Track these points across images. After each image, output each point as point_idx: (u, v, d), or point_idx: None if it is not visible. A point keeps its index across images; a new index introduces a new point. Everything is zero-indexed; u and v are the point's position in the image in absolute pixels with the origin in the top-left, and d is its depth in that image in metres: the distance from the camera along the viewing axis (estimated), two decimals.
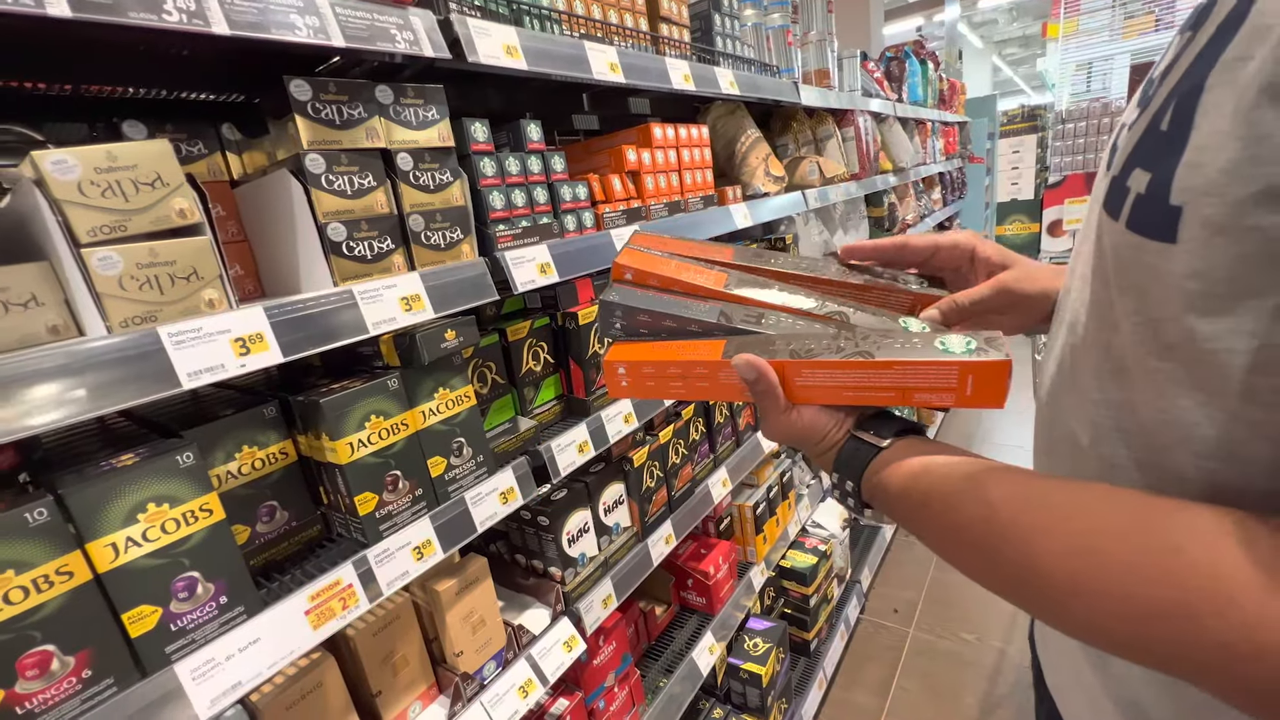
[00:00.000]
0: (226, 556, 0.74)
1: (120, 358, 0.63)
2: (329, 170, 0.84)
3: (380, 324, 0.86)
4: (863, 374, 0.56)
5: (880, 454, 0.55)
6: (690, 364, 0.62)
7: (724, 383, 0.62)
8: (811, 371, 0.58)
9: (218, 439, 0.82)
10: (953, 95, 4.87)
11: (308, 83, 0.82)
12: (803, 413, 0.60)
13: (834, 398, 0.59)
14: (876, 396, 0.57)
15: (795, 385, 0.59)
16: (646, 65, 1.37)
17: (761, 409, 0.62)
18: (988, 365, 0.53)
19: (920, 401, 0.55)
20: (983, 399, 0.54)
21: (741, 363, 0.59)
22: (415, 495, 0.95)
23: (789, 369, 0.59)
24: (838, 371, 0.57)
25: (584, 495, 1.33)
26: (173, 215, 0.70)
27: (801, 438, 0.61)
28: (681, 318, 0.64)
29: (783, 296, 0.66)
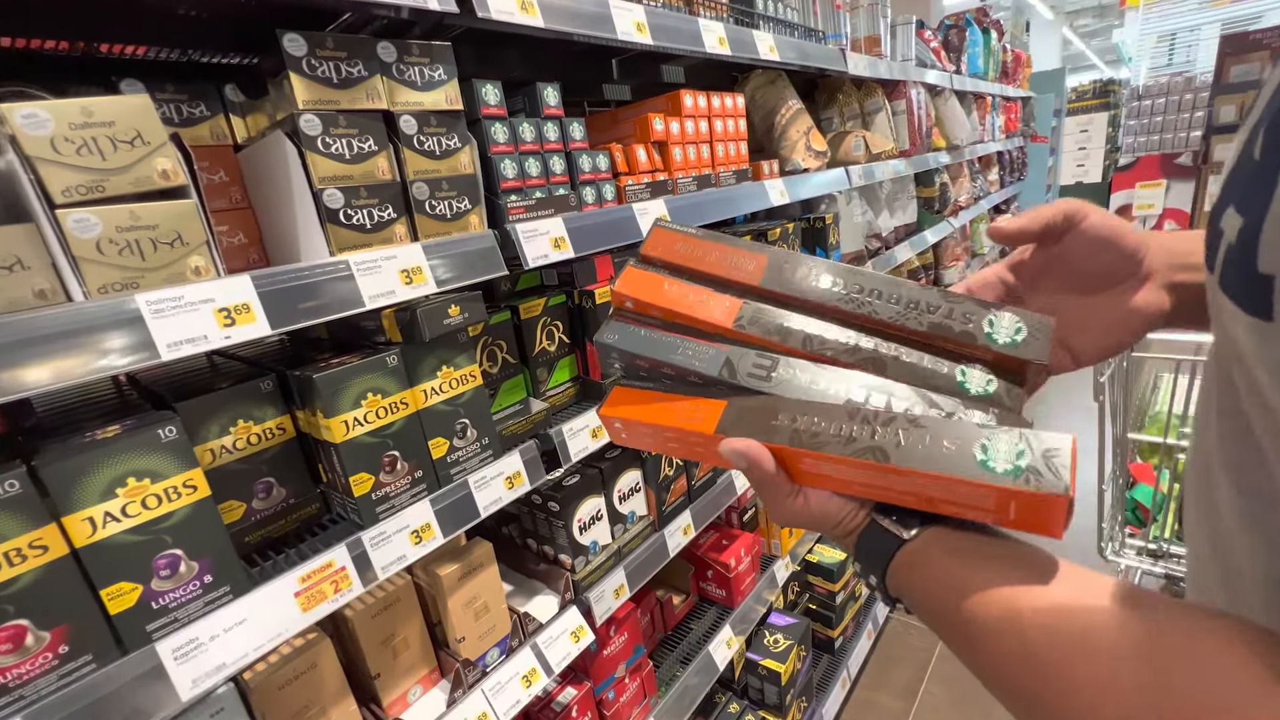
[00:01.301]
0: (211, 534, 0.71)
1: (95, 325, 0.60)
2: (326, 132, 0.79)
3: (378, 297, 0.82)
4: (877, 475, 0.46)
5: (904, 546, 0.47)
6: (685, 432, 0.55)
7: (715, 455, 0.54)
8: (816, 462, 0.49)
9: (212, 412, 0.79)
10: (1017, 68, 4.54)
11: (303, 37, 0.77)
12: (810, 497, 0.52)
13: (844, 489, 0.50)
14: (894, 498, 0.48)
15: (800, 469, 0.51)
16: (677, 26, 1.27)
17: (761, 496, 0.54)
18: (1037, 498, 0.41)
19: (951, 512, 0.46)
20: (1031, 527, 0.44)
21: (729, 451, 0.51)
22: (415, 477, 0.91)
23: (789, 456, 0.50)
24: (846, 468, 0.48)
25: (598, 481, 1.28)
26: (155, 176, 0.67)
27: (815, 523, 0.53)
28: (681, 368, 0.55)
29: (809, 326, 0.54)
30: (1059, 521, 0.42)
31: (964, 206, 3.51)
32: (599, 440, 1.20)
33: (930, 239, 2.93)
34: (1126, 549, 1.55)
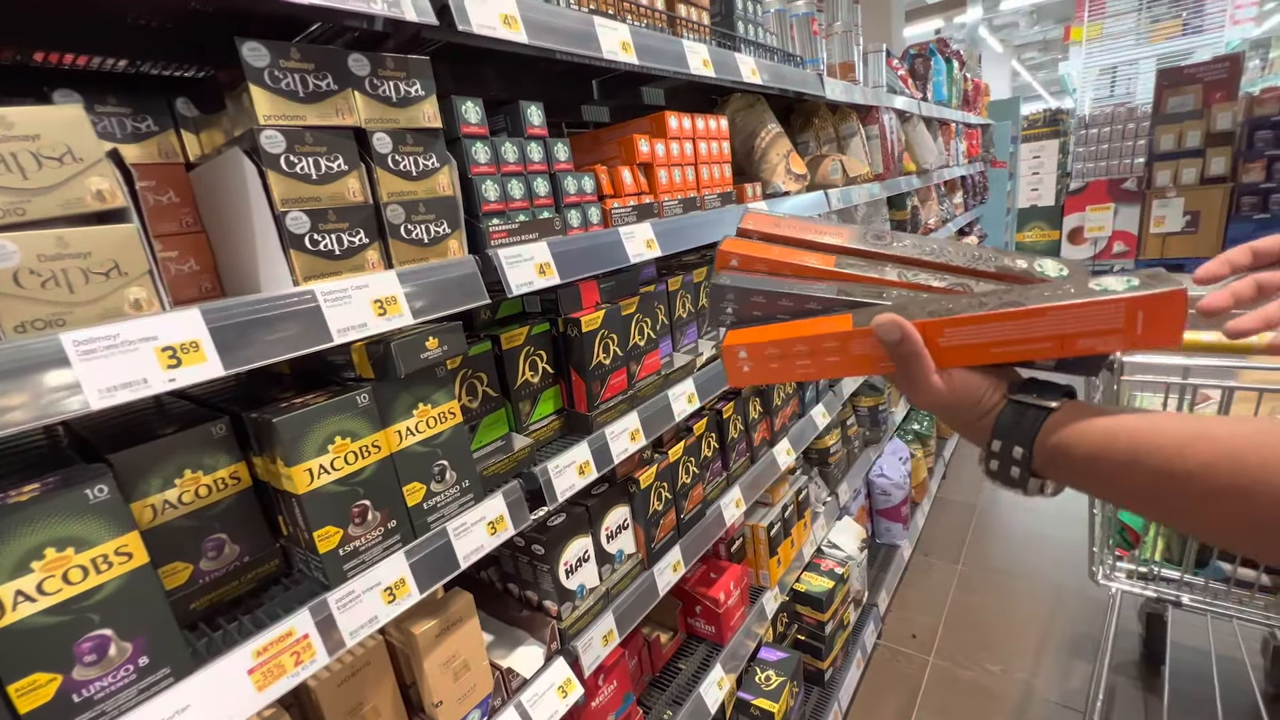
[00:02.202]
0: (149, 608, 0.61)
1: (5, 371, 0.51)
2: (290, 150, 0.72)
3: (348, 330, 0.74)
4: (1014, 326, 0.53)
5: (1051, 416, 0.52)
6: (818, 338, 0.60)
7: (857, 354, 0.59)
8: (955, 330, 0.55)
9: (154, 462, 0.70)
10: (976, 96, 4.71)
11: (265, 47, 0.70)
12: (953, 375, 0.57)
13: (981, 356, 0.56)
14: (1030, 349, 0.54)
15: (938, 347, 0.56)
16: (662, 47, 1.24)
17: (907, 375, 0.58)
18: (1161, 298, 0.49)
19: (1084, 348, 0.52)
20: (1157, 337, 0.50)
21: (885, 322, 0.56)
22: (388, 528, 0.82)
23: (930, 329, 0.56)
24: (985, 326, 0.54)
25: (584, 521, 1.20)
26: (88, 197, 0.58)
27: (954, 404, 0.57)
28: (799, 295, 0.62)
29: (901, 275, 0.63)
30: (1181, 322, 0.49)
31: (933, 229, 3.58)
32: (586, 477, 1.12)
33: None
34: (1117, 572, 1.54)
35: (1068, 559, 2.89)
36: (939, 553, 3.07)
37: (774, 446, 1.88)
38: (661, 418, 1.32)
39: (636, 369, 1.28)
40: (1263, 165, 5.57)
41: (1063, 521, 3.18)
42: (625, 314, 1.23)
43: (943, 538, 3.19)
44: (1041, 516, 3.25)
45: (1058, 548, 2.99)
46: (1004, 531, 3.18)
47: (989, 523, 3.27)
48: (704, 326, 1.60)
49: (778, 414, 1.89)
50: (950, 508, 3.45)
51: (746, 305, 0.64)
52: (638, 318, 1.27)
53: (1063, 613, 2.57)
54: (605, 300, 1.23)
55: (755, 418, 1.80)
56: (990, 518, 3.31)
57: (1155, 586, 1.48)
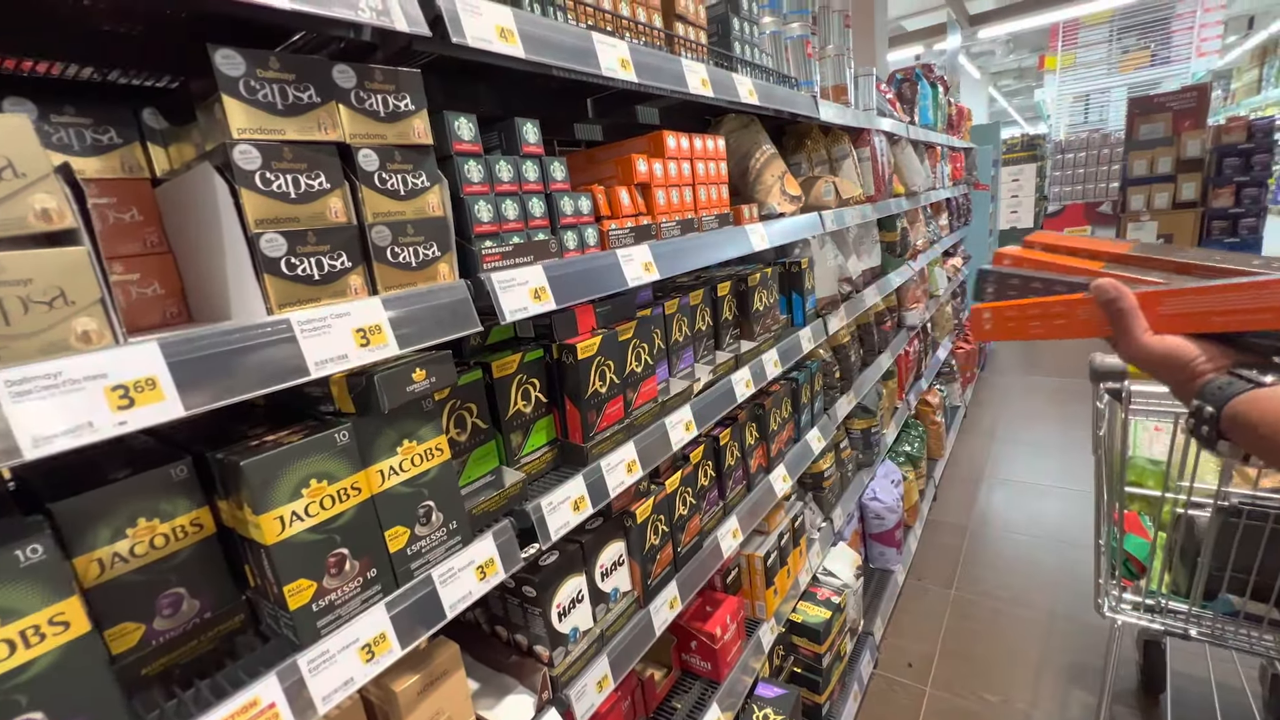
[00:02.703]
0: (89, 684, 0.54)
1: None
2: (266, 166, 0.66)
3: (326, 363, 0.67)
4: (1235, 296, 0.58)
5: (1258, 388, 0.57)
6: (1050, 304, 0.71)
7: (1080, 319, 0.69)
8: (1176, 299, 0.61)
9: (103, 511, 0.62)
10: (960, 120, 4.79)
11: (241, 55, 0.64)
12: (1166, 337, 0.63)
13: (1202, 325, 0.61)
14: (1252, 319, 0.58)
15: (1157, 314, 0.63)
16: (661, 65, 1.20)
17: (1120, 330, 0.65)
18: None
19: None
20: None
21: (1103, 282, 0.65)
22: (367, 578, 0.75)
23: (1150, 297, 0.63)
24: (1205, 296, 0.60)
25: (578, 559, 1.13)
26: (31, 217, 0.51)
27: (1163, 361, 0.63)
28: (1050, 281, 0.72)
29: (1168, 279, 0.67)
30: None
31: (921, 250, 3.59)
32: (581, 513, 1.06)
33: (895, 281, 2.96)
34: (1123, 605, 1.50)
35: (1060, 583, 2.86)
36: (932, 577, 3.03)
37: (770, 473, 1.83)
38: (659, 447, 1.26)
39: (634, 397, 1.23)
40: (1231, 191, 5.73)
41: (1053, 545, 3.16)
42: (622, 339, 1.17)
43: (936, 561, 3.15)
44: (1033, 540, 3.23)
45: (1051, 571, 2.96)
46: (996, 555, 3.15)
47: (981, 546, 3.24)
48: (698, 351, 1.55)
49: (774, 439, 1.84)
50: (942, 530, 3.42)
51: (1003, 289, 0.76)
52: (635, 343, 1.21)
53: (1058, 640, 2.53)
54: (601, 325, 1.17)
55: (752, 443, 1.75)
56: (982, 541, 3.28)
57: (1162, 619, 1.44)
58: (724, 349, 1.65)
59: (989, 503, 3.63)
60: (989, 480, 3.89)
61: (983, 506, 3.60)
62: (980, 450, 4.31)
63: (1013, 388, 5.42)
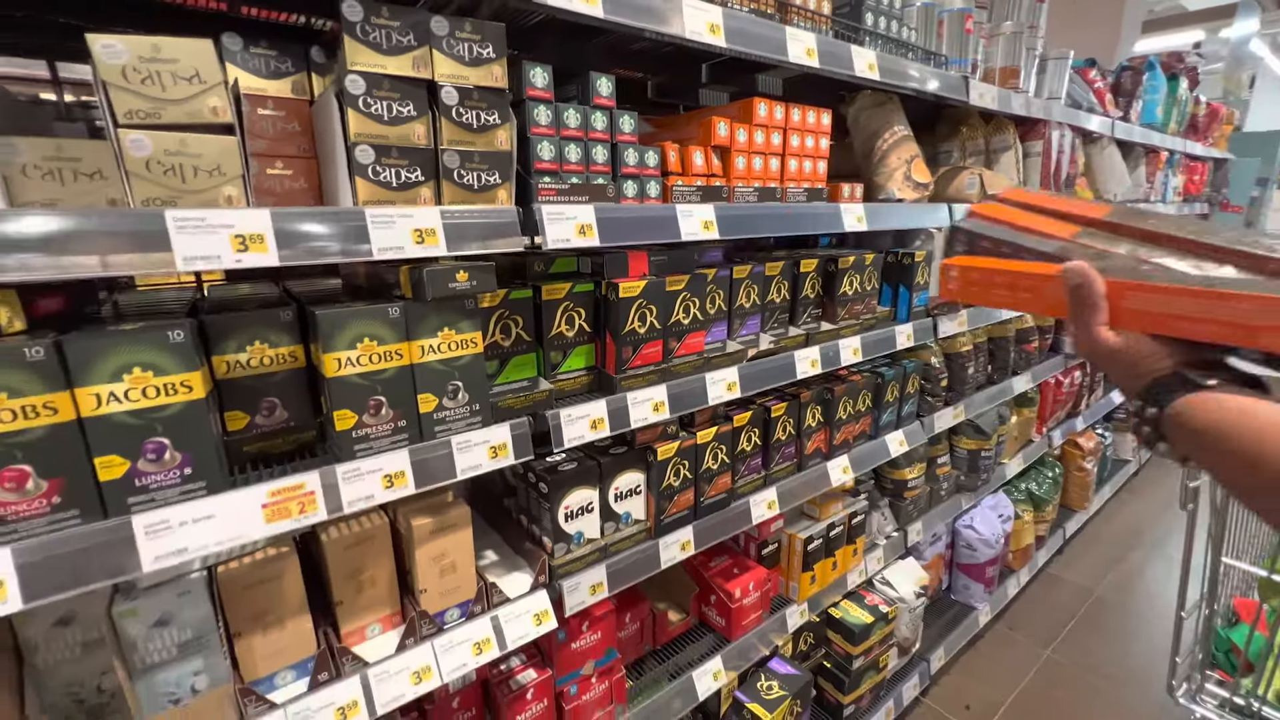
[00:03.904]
0: (199, 432, 0.80)
1: (121, 229, 0.69)
2: (368, 93, 0.86)
3: (386, 250, 0.87)
4: (1198, 304, 0.54)
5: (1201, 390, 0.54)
6: (1019, 274, 0.68)
7: (1047, 296, 0.65)
8: (1141, 295, 0.58)
9: (232, 329, 0.89)
10: (1211, 124, 3.93)
11: (360, 4, 0.84)
12: (1122, 334, 0.60)
13: (1161, 327, 0.58)
14: (1211, 332, 0.55)
15: (1121, 307, 0.60)
16: (756, 31, 1.24)
17: (1077, 319, 0.62)
18: None
19: (1267, 343, 0.53)
20: None
21: (1073, 267, 0.61)
22: (398, 425, 0.96)
23: (1117, 288, 0.59)
24: (1169, 298, 0.56)
25: (594, 474, 1.27)
26: (205, 111, 0.76)
27: (1113, 358, 0.61)
28: (1019, 246, 0.70)
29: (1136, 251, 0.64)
30: None
31: None
32: (597, 432, 1.19)
33: None
34: (1206, 696, 1.29)
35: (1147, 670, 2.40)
36: (1028, 630, 2.72)
37: (829, 460, 1.81)
38: (692, 397, 1.35)
39: (675, 345, 1.32)
40: None
41: None
42: (670, 290, 1.27)
43: (1039, 616, 2.81)
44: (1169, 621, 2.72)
45: None
46: (1120, 629, 2.73)
47: (1104, 615, 2.82)
48: (768, 321, 1.58)
49: (840, 428, 1.81)
50: (1060, 587, 3.02)
51: (974, 248, 0.75)
52: (685, 296, 1.30)
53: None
54: (653, 273, 1.27)
55: (812, 425, 1.74)
56: (1107, 610, 2.85)
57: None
58: (798, 325, 1.66)
59: (1137, 573, 3.11)
60: (1147, 549, 3.32)
61: (1126, 575, 3.09)
62: (1145, 515, 3.66)
63: None
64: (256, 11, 1.02)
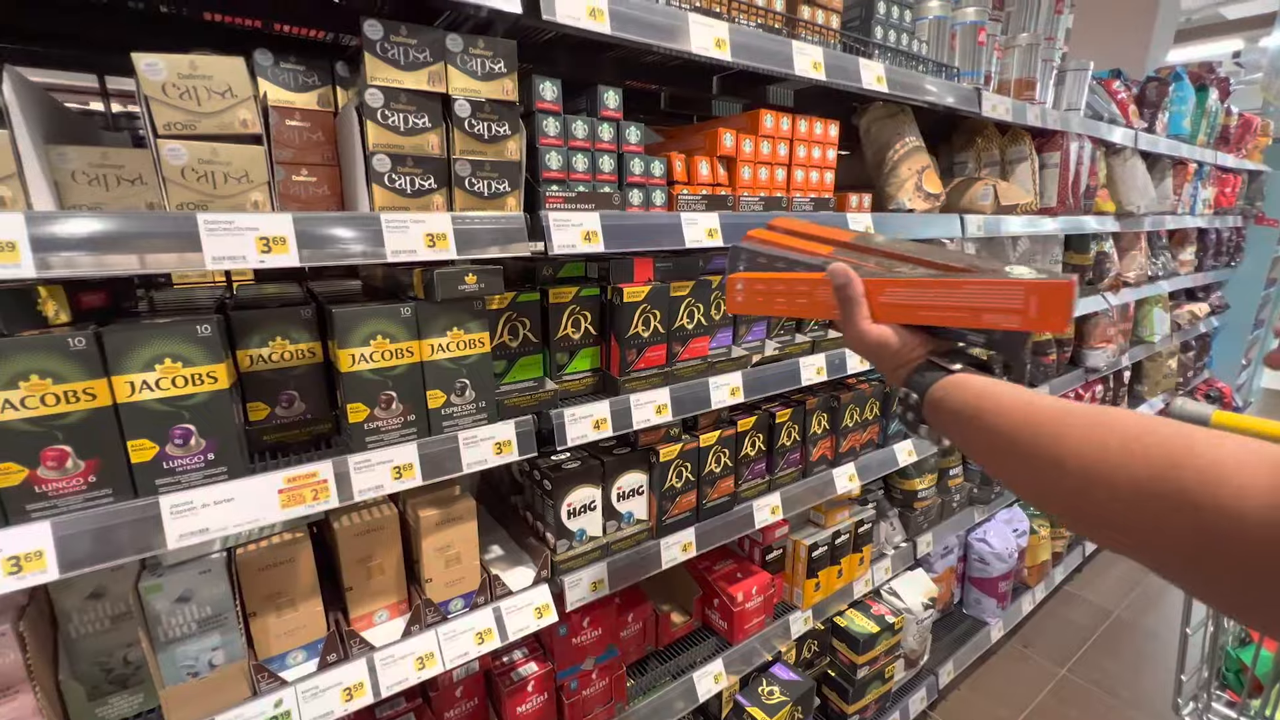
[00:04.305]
0: (222, 421, 0.86)
1: (158, 231, 0.75)
2: (386, 105, 0.92)
3: (400, 253, 0.93)
4: (937, 293, 0.66)
5: (948, 375, 0.63)
6: (794, 281, 0.80)
7: (820, 300, 0.77)
8: (894, 289, 0.70)
9: (256, 325, 0.95)
10: (1244, 135, 3.84)
11: (381, 24, 0.90)
12: (882, 327, 0.70)
13: (911, 317, 0.69)
14: (949, 315, 0.66)
15: (878, 303, 0.71)
16: (764, 46, 1.27)
17: (844, 314, 0.73)
18: (1051, 286, 0.59)
19: (989, 321, 0.63)
20: (1046, 320, 0.59)
21: (836, 267, 0.73)
22: (407, 420, 1.01)
23: (874, 285, 0.71)
24: (915, 290, 0.68)
25: (597, 472, 1.31)
26: (236, 123, 0.82)
27: (877, 348, 0.70)
28: (792, 260, 0.82)
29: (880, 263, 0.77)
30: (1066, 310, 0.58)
31: (1130, 283, 3.04)
32: (600, 431, 1.23)
33: None
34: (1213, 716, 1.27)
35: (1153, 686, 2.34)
36: (1042, 648, 2.68)
37: (835, 468, 1.82)
38: (695, 401, 1.38)
39: (679, 349, 1.35)
40: None
41: None
42: (675, 295, 1.30)
43: (1054, 634, 2.76)
44: None
45: None
46: (1138, 652, 2.66)
47: (1123, 635, 2.76)
48: (774, 328, 1.60)
49: (846, 435, 1.82)
50: (1076, 605, 2.96)
51: (753, 264, 0.86)
52: (689, 301, 1.33)
53: None
54: (658, 279, 1.31)
55: (818, 432, 1.76)
56: (1128, 631, 2.79)
57: None
58: (805, 332, 1.68)
59: (1159, 595, 3.04)
60: None
61: (1147, 597, 3.02)
62: None
63: None
64: (288, 28, 1.09)
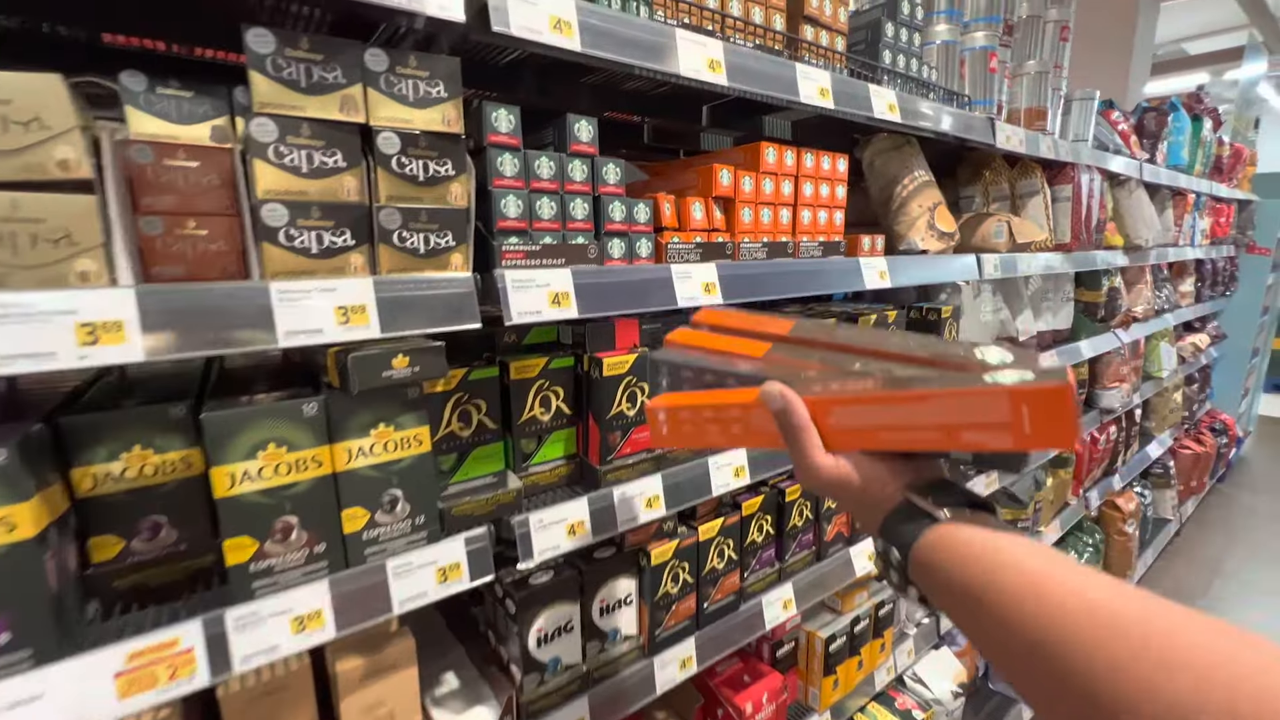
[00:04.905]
0: (24, 584, 0.60)
1: None
2: (281, 140, 0.69)
3: (297, 334, 0.69)
4: (899, 410, 0.51)
5: (935, 527, 0.48)
6: (724, 406, 0.62)
7: (757, 425, 0.60)
8: (844, 409, 0.54)
9: (99, 432, 0.70)
10: (1235, 165, 3.79)
11: (272, 34, 0.67)
12: (841, 459, 0.54)
13: (870, 441, 0.53)
14: (918, 438, 0.50)
15: (829, 427, 0.55)
16: (763, 70, 1.08)
17: (792, 449, 0.56)
18: (1044, 392, 0.45)
19: (971, 443, 0.48)
20: (1046, 436, 0.45)
21: (771, 389, 0.56)
22: (314, 552, 0.75)
23: (819, 406, 0.55)
24: (872, 407, 0.53)
25: (574, 586, 1.05)
26: (50, 165, 0.58)
27: (839, 488, 0.55)
28: (720, 372, 0.65)
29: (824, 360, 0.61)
30: (1070, 421, 0.44)
31: (1139, 318, 2.89)
32: (576, 539, 0.98)
33: (1085, 351, 2.41)
34: None
35: None
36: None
37: (852, 545, 1.58)
38: (693, 488, 1.14)
39: None
40: None
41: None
42: None
43: None
44: None
45: None
46: None
47: None
48: None
49: None
50: None
51: (677, 380, 0.67)
52: None
53: None
54: (645, 343, 1.08)
55: (832, 508, 1.52)
56: None
57: None
58: None
59: None
60: None
61: None
62: (1192, 583, 3.35)
63: (1263, 511, 4.15)
64: (168, 46, 0.87)
